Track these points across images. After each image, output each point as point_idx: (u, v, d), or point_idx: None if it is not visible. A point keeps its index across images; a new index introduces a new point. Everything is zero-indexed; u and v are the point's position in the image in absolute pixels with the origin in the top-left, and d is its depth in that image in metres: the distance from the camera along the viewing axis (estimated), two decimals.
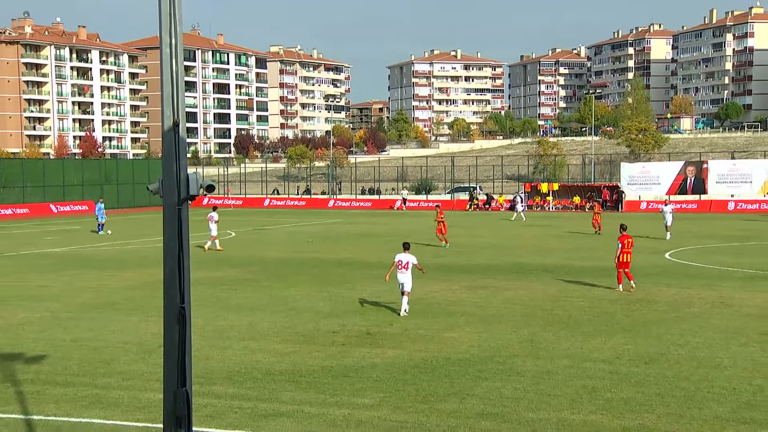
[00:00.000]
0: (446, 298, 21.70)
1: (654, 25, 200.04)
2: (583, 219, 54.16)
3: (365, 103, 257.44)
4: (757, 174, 64.78)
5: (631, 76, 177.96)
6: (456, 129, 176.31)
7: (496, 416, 11.17)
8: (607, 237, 40.01)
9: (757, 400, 11.78)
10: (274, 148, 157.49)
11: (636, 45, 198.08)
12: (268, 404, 11.91)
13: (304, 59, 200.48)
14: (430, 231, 45.96)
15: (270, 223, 54.27)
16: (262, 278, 26.16)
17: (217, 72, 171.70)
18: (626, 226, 23.45)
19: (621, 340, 16.00)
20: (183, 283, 4.08)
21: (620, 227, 23.29)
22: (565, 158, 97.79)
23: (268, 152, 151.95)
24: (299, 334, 17.05)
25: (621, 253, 22.27)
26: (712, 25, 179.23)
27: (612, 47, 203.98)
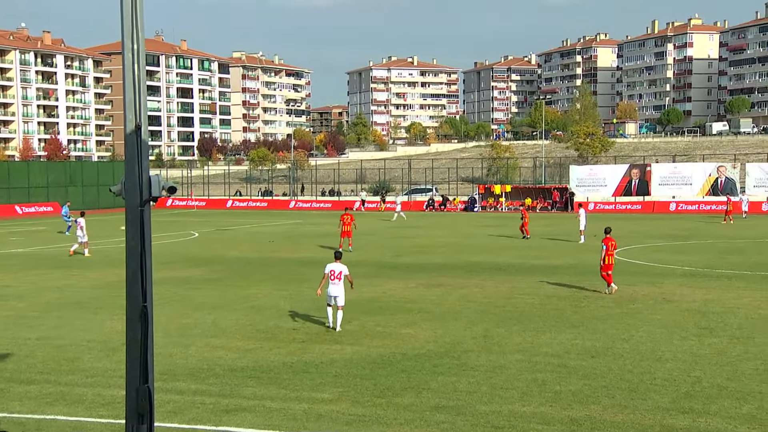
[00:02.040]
0: (403, 295, 21.75)
1: (600, 35, 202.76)
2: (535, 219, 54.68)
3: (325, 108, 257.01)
4: (696, 176, 65.99)
5: (579, 83, 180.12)
6: (413, 133, 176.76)
7: (450, 409, 11.23)
8: (559, 236, 40.43)
9: (695, 390, 12.00)
10: (236, 150, 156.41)
11: (584, 53, 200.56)
12: (230, 399, 11.83)
13: (266, 65, 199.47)
14: (388, 230, 46.04)
15: (232, 224, 53.91)
16: (225, 277, 25.97)
17: (181, 77, 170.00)
18: (610, 229, 23.11)
19: (569, 335, 16.18)
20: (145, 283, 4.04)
21: (605, 230, 23.04)
22: (518, 161, 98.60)
23: (230, 155, 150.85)
24: (261, 331, 16.97)
25: (605, 255, 21.90)
26: (654, 35, 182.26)
27: (561, 55, 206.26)
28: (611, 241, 22.30)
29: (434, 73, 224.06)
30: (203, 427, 10.64)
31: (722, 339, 15.61)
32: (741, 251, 32.64)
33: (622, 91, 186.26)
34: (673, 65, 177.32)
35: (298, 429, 10.49)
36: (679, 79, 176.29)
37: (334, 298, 16.72)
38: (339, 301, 16.72)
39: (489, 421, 10.66)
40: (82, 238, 33.04)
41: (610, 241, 22.26)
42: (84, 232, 33.05)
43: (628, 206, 66.85)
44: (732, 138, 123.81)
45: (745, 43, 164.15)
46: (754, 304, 19.56)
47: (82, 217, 34.32)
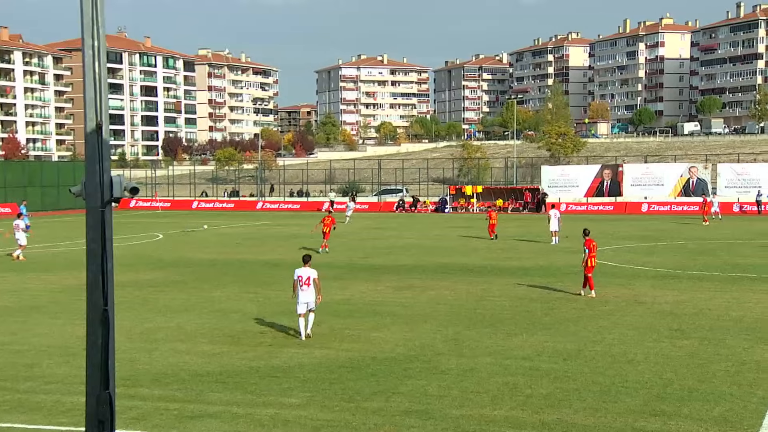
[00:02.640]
0: (373, 298, 21.76)
1: (572, 34, 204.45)
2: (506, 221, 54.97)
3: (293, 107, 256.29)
4: (668, 177, 66.80)
5: (551, 83, 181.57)
6: (383, 132, 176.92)
7: (420, 413, 11.25)
8: (530, 237, 40.69)
9: (667, 393, 12.14)
10: (202, 150, 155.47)
11: (555, 52, 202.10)
12: (195, 405, 11.75)
13: (233, 63, 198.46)
14: (357, 232, 46.02)
15: (198, 225, 53.55)
16: (190, 280, 25.80)
17: (145, 74, 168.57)
18: (589, 231, 22.95)
19: (541, 337, 16.30)
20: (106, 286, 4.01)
21: (583, 232, 22.81)
22: (489, 161, 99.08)
23: (196, 155, 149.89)
24: (227, 335, 16.88)
25: (588, 257, 21.79)
26: (626, 35, 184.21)
27: (533, 54, 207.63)
28: (593, 242, 22.23)
29: (404, 71, 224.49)
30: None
31: (693, 341, 15.82)
32: (712, 252, 33.10)
33: (594, 91, 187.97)
34: (644, 65, 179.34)
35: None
36: (651, 78, 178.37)
37: (305, 305, 16.11)
38: (310, 306, 16.22)
39: (459, 426, 10.70)
40: (21, 240, 32.12)
41: (592, 242, 22.17)
42: (22, 235, 32.21)
43: (600, 207, 67.47)
44: (703, 138, 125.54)
45: (716, 42, 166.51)
46: (725, 306, 19.85)
47: (20, 218, 33.57)
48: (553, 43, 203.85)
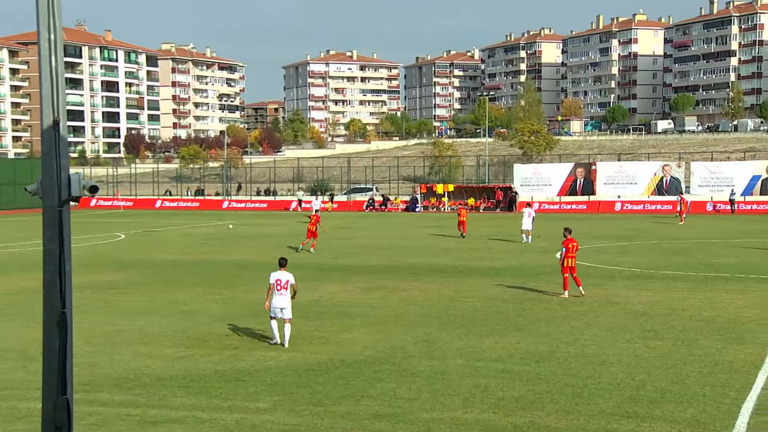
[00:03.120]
0: (342, 299, 21.75)
1: (545, 30, 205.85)
2: (478, 220, 55.22)
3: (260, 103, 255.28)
4: (642, 176, 67.51)
5: (523, 79, 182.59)
6: (352, 130, 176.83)
7: (390, 417, 11.27)
8: (503, 237, 40.91)
9: (640, 394, 12.27)
10: (166, 148, 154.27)
11: (528, 48, 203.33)
12: (158, 410, 11.67)
13: (198, 58, 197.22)
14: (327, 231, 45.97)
15: (162, 225, 53.15)
16: (153, 281, 25.61)
17: (106, 69, 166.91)
18: (571, 230, 22.82)
19: (513, 339, 16.39)
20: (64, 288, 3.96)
21: (564, 231, 22.71)
22: (460, 159, 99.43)
23: (159, 152, 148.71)
24: (191, 338, 16.78)
25: (565, 257, 21.86)
26: (599, 31, 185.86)
27: (505, 50, 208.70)
28: (572, 242, 22.07)
29: (374, 67, 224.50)
30: None
31: (667, 341, 16.00)
32: (685, 252, 33.50)
33: (566, 88, 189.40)
34: (618, 61, 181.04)
35: None
36: (624, 75, 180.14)
37: (280, 310, 15.55)
38: (286, 314, 15.55)
39: (430, 429, 10.73)
40: None
41: (571, 242, 22.04)
42: None
43: (573, 206, 68.01)
44: (677, 136, 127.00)
45: (689, 39, 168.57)
46: (698, 306, 20.10)
47: None
48: (526, 39, 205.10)
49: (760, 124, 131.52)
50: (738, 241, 37.88)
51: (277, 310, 15.62)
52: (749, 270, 26.94)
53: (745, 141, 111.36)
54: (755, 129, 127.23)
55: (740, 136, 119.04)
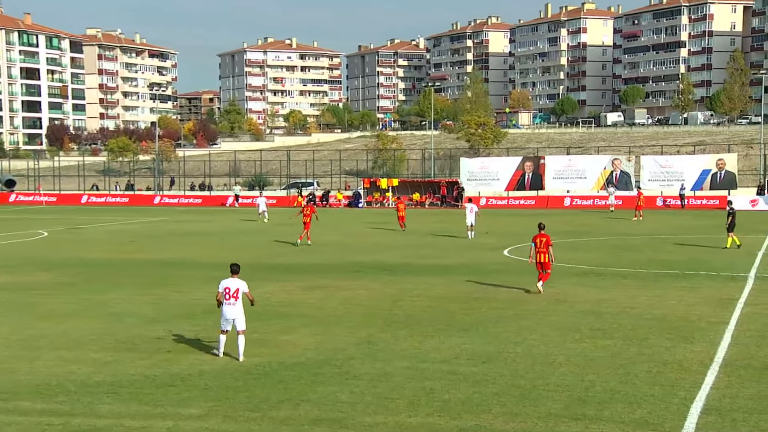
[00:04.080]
0: (281, 299, 21.64)
1: (492, 18, 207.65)
2: (424, 216, 55.47)
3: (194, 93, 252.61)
4: (591, 170, 68.51)
5: (470, 69, 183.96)
6: (292, 121, 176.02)
7: (332, 422, 11.26)
8: (450, 233, 41.15)
9: (588, 395, 12.47)
10: (93, 139, 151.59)
11: (474, 38, 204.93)
12: (83, 419, 11.46)
13: (126, 44, 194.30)
14: (266, 228, 45.68)
15: (89, 222, 52.22)
16: (79, 281, 25.16)
17: (25, 55, 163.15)
18: (544, 225, 23.20)
19: (459, 339, 16.50)
20: None
21: (538, 226, 23.07)
22: (405, 153, 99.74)
23: (86, 144, 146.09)
24: (120, 341, 16.53)
25: (536, 253, 22.22)
26: (547, 20, 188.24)
27: (451, 39, 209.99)
28: (542, 238, 22.43)
29: (315, 56, 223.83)
30: None
31: (616, 341, 16.28)
32: (635, 248, 34.13)
33: (515, 79, 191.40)
34: (566, 52, 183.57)
35: None
36: (573, 66, 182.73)
37: (231, 321, 14.73)
38: (239, 325, 14.71)
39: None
40: None
41: (541, 238, 22.40)
42: None
43: (521, 201, 68.74)
44: (627, 129, 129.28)
45: (639, 29, 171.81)
46: (648, 304, 20.50)
47: None
48: (472, 27, 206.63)
49: (710, 117, 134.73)
50: (688, 236, 38.73)
51: (227, 322, 14.79)
52: (699, 267, 27.57)
53: (695, 134, 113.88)
54: (705, 122, 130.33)
55: (690, 130, 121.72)
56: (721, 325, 17.63)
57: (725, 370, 13.86)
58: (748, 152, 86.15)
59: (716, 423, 11.13)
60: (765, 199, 62.16)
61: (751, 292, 22.31)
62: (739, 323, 17.91)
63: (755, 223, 43.21)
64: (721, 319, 18.38)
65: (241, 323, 14.79)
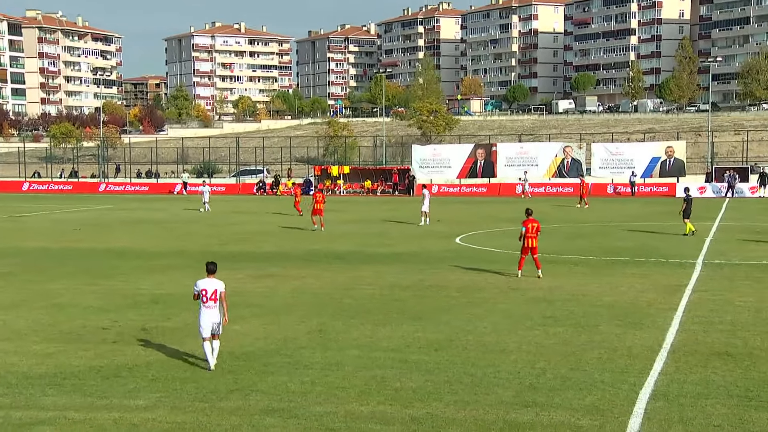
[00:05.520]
0: (230, 288, 21.30)
1: (443, 4, 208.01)
2: (376, 204, 55.54)
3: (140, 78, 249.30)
4: (543, 157, 69.13)
5: (421, 56, 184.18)
6: (241, 108, 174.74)
7: (282, 412, 11.24)
8: (401, 221, 41.24)
9: (539, 383, 12.61)
10: (34, 125, 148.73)
11: (426, 23, 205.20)
12: (25, 412, 11.29)
13: (68, 27, 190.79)
14: (213, 216, 45.31)
15: (30, 210, 51.30)
16: (19, 271, 24.72)
17: None
18: (532, 211, 23.69)
19: (411, 327, 16.57)
20: None
21: (526, 211, 23.61)
22: (357, 140, 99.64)
23: (26, 130, 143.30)
24: (63, 332, 16.30)
25: (525, 237, 22.65)
26: (498, 6, 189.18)
27: (402, 25, 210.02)
28: (532, 223, 22.97)
29: (264, 42, 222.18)
30: None
31: (567, 328, 16.49)
32: (586, 236, 34.57)
33: (466, 66, 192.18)
34: (518, 38, 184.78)
35: None
36: (525, 53, 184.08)
37: (210, 327, 13.38)
38: (217, 328, 13.50)
39: (323, 424, 10.75)
40: None
41: (531, 223, 22.93)
42: None
43: (473, 189, 69.15)
44: (578, 117, 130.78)
45: (589, 17, 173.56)
46: (599, 291, 20.78)
47: None
48: (424, 13, 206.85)
49: (660, 104, 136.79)
50: (638, 224, 39.32)
51: (206, 330, 13.38)
52: (648, 253, 28.03)
53: (645, 122, 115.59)
54: (655, 110, 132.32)
55: (640, 117, 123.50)
56: (669, 312, 17.95)
57: (673, 356, 14.13)
58: (697, 140, 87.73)
59: (664, 408, 11.34)
60: (713, 187, 63.36)
61: (699, 278, 22.75)
62: (687, 309, 18.26)
63: (703, 210, 43.98)
64: (670, 305, 18.72)
65: (219, 327, 13.51)
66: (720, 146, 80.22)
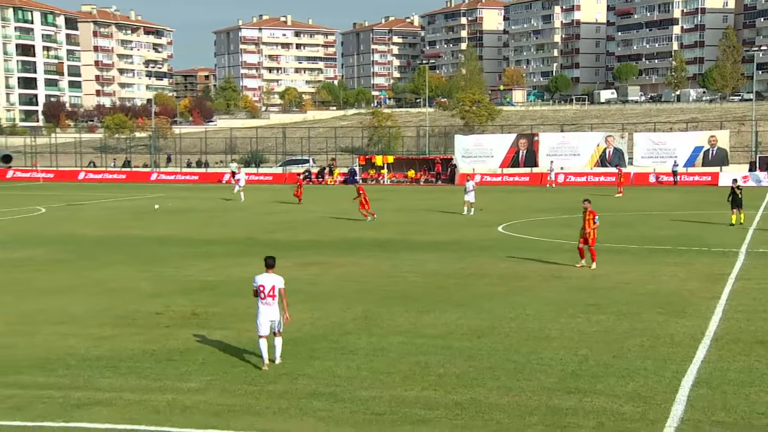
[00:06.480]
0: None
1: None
2: (418, 193, 55.46)
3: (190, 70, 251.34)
4: (585, 147, 68.42)
5: (464, 47, 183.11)
6: (287, 99, 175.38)
7: (328, 396, 11.30)
8: (443, 210, 41.15)
9: (582, 369, 12.52)
10: (89, 116, 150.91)
11: (469, 15, 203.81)
12: (83, 392, 11.50)
13: (121, 21, 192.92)
14: (259, 205, 45.62)
15: (85, 198, 52.10)
16: (76, 258, 25.14)
17: (21, 32, 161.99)
18: (590, 200, 23.53)
19: (454, 314, 16.54)
20: None
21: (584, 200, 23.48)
22: (400, 130, 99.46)
23: (82, 121, 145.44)
24: (119, 316, 16.55)
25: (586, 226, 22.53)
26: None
27: (445, 17, 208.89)
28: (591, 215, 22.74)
29: (310, 34, 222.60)
30: (51, 423, 10.30)
31: (609, 316, 16.34)
32: (628, 225, 34.16)
33: (509, 56, 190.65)
34: (560, 29, 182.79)
35: (161, 423, 10.32)
36: (567, 44, 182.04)
37: (269, 324, 12.76)
38: (277, 325, 12.88)
39: (369, 408, 10.79)
40: None
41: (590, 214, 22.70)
42: None
43: (515, 178, 68.71)
44: (620, 107, 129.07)
45: (632, 7, 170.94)
46: (641, 279, 20.55)
47: None
48: (467, 5, 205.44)
49: (703, 94, 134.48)
50: (680, 213, 38.78)
51: (264, 327, 12.74)
52: (691, 242, 27.63)
53: (687, 111, 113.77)
54: (698, 99, 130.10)
55: (683, 107, 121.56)
56: (712, 300, 17.70)
57: (716, 344, 13.94)
58: (740, 129, 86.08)
59: (707, 395, 11.20)
60: (756, 176, 62.22)
61: (743, 267, 22.38)
62: (730, 298, 17.98)
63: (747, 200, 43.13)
64: (713, 294, 18.45)
65: (280, 324, 12.89)
66: (764, 135, 78.62)
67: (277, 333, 12.87)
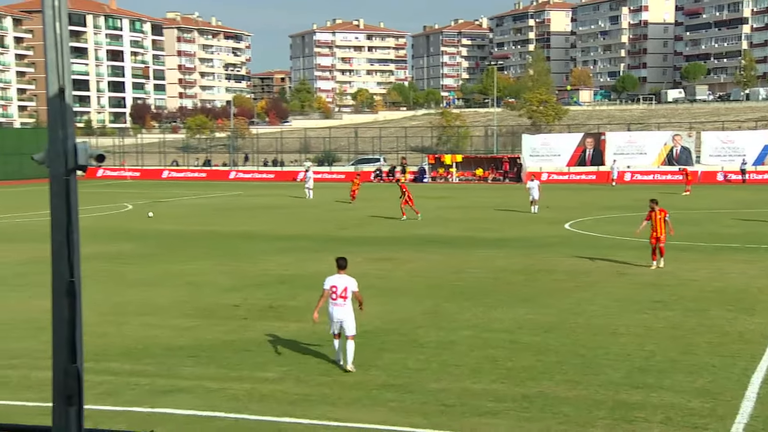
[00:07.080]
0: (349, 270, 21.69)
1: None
2: (486, 190, 55.13)
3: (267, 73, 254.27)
4: (651, 146, 67.09)
5: (532, 48, 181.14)
6: (359, 100, 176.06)
7: (399, 387, 11.31)
8: (510, 207, 40.82)
9: (649, 364, 12.28)
10: (172, 118, 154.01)
11: (536, 17, 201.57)
12: (167, 380, 11.74)
13: (203, 27, 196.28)
14: (331, 203, 45.94)
15: (168, 196, 53.21)
16: (160, 252, 25.68)
17: (111, 38, 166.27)
18: (657, 200, 22.89)
19: (521, 310, 16.40)
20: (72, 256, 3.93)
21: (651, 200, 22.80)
22: (469, 130, 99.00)
23: (166, 122, 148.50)
24: (199, 308, 16.85)
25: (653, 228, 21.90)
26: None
27: (513, 19, 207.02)
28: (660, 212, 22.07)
29: (381, 37, 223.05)
30: (138, 409, 10.55)
31: (676, 312, 15.99)
32: (695, 222, 33.37)
33: (576, 57, 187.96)
34: (628, 30, 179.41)
35: (240, 410, 10.47)
36: (634, 44, 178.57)
37: (339, 324, 12.36)
38: (347, 329, 12.28)
39: (439, 399, 10.77)
40: None
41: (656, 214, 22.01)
42: None
43: (582, 177, 67.76)
44: (688, 106, 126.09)
45: (701, 7, 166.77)
46: (708, 276, 20.06)
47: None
48: (534, 7, 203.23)
49: None
50: (748, 211, 37.73)
51: (335, 324, 12.38)
52: (759, 240, 26.85)
53: (757, 110, 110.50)
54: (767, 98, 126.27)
55: (752, 105, 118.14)
56: None
57: None
58: None
59: None
60: None
61: None
62: None
63: None
64: None
65: (351, 327, 12.30)
66: None
67: (350, 337, 12.27)
